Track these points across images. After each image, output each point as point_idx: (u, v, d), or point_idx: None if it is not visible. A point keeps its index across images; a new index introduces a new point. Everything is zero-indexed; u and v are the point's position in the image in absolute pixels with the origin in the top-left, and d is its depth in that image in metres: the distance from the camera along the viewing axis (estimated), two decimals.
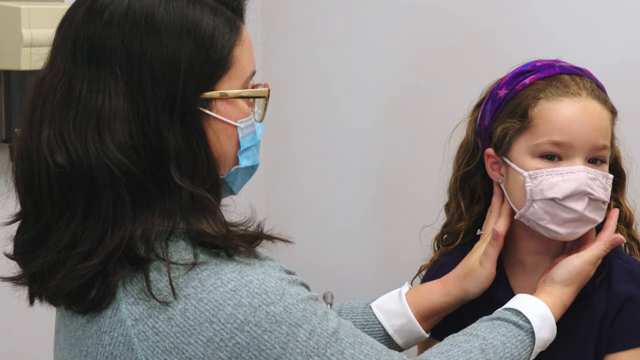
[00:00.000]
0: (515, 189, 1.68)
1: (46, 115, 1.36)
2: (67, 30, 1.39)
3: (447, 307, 1.76)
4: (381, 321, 1.77)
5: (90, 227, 1.34)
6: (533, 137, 1.66)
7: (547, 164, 1.64)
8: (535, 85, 1.68)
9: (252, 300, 1.33)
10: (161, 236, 1.35)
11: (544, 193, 1.63)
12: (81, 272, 1.34)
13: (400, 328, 1.76)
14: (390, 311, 1.77)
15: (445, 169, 1.86)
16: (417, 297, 1.77)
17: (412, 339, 1.77)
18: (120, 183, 1.33)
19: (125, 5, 1.37)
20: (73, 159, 1.34)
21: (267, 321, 1.33)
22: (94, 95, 1.35)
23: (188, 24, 1.37)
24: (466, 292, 1.74)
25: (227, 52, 1.40)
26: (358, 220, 2.52)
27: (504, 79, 1.74)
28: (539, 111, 1.66)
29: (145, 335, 1.33)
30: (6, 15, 2.02)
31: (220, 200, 1.43)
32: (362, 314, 1.79)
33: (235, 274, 1.35)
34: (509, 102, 1.70)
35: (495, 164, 1.73)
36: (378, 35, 2.42)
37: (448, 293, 1.75)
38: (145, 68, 1.35)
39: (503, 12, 2.22)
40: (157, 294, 1.33)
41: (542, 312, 1.62)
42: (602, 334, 1.69)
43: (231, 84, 1.42)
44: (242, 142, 1.45)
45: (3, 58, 2.04)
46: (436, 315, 1.77)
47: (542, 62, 1.73)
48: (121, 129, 1.34)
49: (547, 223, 1.65)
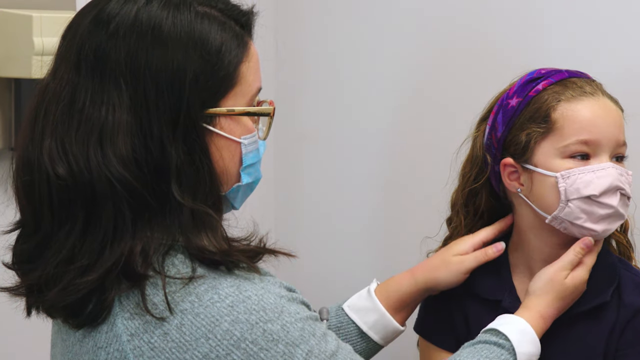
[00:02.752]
0: (543, 193, 1.69)
1: (48, 125, 1.35)
2: (72, 39, 1.38)
3: (417, 296, 1.79)
4: (354, 320, 1.79)
5: (89, 241, 1.33)
6: (559, 138, 1.68)
7: (578, 163, 1.67)
8: (551, 89, 1.71)
9: (250, 317, 1.31)
10: (159, 250, 1.34)
11: (580, 191, 1.65)
12: (78, 287, 1.33)
13: (374, 324, 1.78)
14: (362, 309, 1.79)
15: (450, 184, 1.86)
16: (386, 291, 1.80)
17: (388, 333, 1.79)
18: (121, 197, 1.32)
19: (132, 16, 1.35)
20: (74, 171, 1.32)
21: (264, 339, 1.31)
22: (97, 107, 1.34)
23: (195, 38, 1.36)
24: (437, 281, 1.77)
25: (234, 68, 1.39)
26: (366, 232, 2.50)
27: (512, 88, 1.75)
28: (561, 113, 1.68)
29: (140, 351, 1.32)
30: (18, 23, 2.01)
31: (222, 215, 1.42)
32: (335, 317, 1.81)
33: (234, 289, 1.33)
34: (525, 109, 1.71)
35: (514, 173, 1.73)
36: (388, 47, 2.41)
37: (417, 282, 1.78)
38: (150, 82, 1.34)
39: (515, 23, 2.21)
40: (153, 308, 1.32)
41: (520, 327, 1.62)
42: (610, 345, 1.69)
43: (236, 101, 1.40)
44: (245, 159, 1.43)
45: (14, 66, 2.03)
46: (407, 306, 1.80)
47: (546, 69, 1.75)
48: (124, 142, 1.32)
49: (584, 222, 1.67)
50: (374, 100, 2.44)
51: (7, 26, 2.03)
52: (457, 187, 1.85)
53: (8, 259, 1.42)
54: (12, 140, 2.12)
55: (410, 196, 2.40)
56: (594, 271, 1.71)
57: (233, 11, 1.42)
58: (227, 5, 1.42)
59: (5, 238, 1.42)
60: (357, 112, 2.47)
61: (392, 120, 2.42)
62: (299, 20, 2.54)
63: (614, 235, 1.79)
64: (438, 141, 2.31)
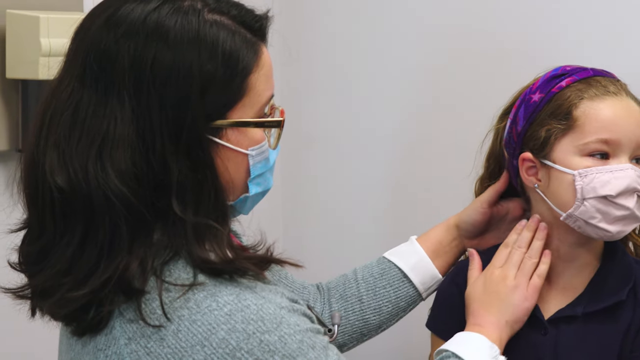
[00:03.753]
0: (559, 190, 1.69)
1: (52, 133, 1.34)
2: (81, 42, 1.37)
3: (451, 239, 1.86)
4: (396, 263, 1.84)
5: (87, 254, 1.32)
6: (580, 136, 1.67)
7: (597, 162, 1.66)
8: (574, 86, 1.70)
9: (247, 326, 1.29)
10: (160, 260, 1.33)
11: (596, 191, 1.64)
12: (70, 300, 1.32)
13: (414, 265, 1.83)
14: (402, 253, 1.86)
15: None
16: (424, 237, 1.87)
17: (427, 278, 1.84)
18: (118, 212, 1.30)
19: (140, 20, 1.34)
20: (73, 183, 1.31)
21: (260, 350, 1.29)
22: (99, 119, 1.32)
23: (202, 46, 1.34)
24: (462, 217, 1.86)
25: (243, 78, 1.36)
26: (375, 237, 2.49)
27: (536, 84, 1.75)
28: (583, 111, 1.67)
29: (137, 355, 1.31)
30: (25, 24, 2.00)
31: (228, 225, 1.40)
32: (377, 265, 1.86)
33: (233, 297, 1.31)
34: (547, 105, 1.71)
35: (532, 168, 1.73)
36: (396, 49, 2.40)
37: (449, 225, 1.87)
38: (154, 93, 1.31)
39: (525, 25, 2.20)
40: (152, 312, 1.31)
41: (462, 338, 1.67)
42: (625, 345, 1.68)
43: (244, 112, 1.37)
44: (253, 170, 1.41)
45: (21, 67, 2.03)
46: (444, 252, 1.85)
47: (571, 66, 1.75)
48: (124, 156, 1.31)
49: (598, 222, 1.66)
50: (382, 104, 2.43)
51: (14, 27, 2.02)
52: (480, 176, 1.88)
53: (13, 259, 1.41)
54: (19, 141, 2.11)
55: (419, 202, 2.39)
56: (610, 271, 1.72)
57: (247, 17, 1.39)
58: (240, 11, 1.39)
59: (11, 239, 1.41)
60: (365, 116, 2.47)
61: (401, 125, 2.41)
62: (307, 23, 2.53)
63: (631, 237, 1.79)
64: (447, 144, 2.31)
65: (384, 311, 1.83)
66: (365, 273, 1.85)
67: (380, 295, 1.83)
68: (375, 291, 1.83)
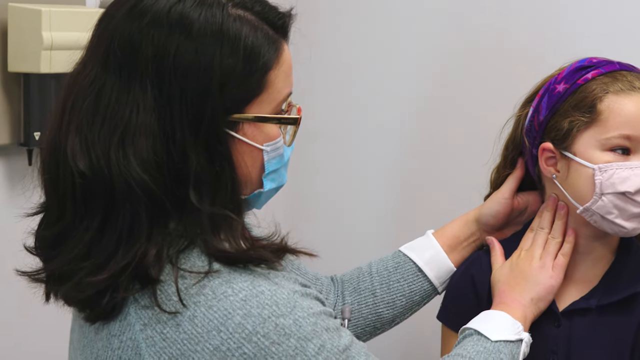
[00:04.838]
0: (578, 183, 1.68)
1: (74, 119, 1.35)
2: (105, 30, 1.37)
3: (469, 233, 1.84)
4: (411, 257, 1.83)
5: (106, 240, 1.33)
6: (602, 130, 1.65)
7: (617, 158, 1.65)
8: (600, 79, 1.68)
9: (262, 311, 1.31)
10: (176, 248, 1.34)
11: (615, 186, 1.63)
12: (88, 285, 1.33)
13: (429, 260, 1.82)
14: (418, 247, 1.85)
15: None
16: (441, 231, 1.86)
17: (442, 272, 1.83)
18: (138, 199, 1.31)
19: (164, 11, 1.34)
20: (95, 169, 1.32)
21: (276, 333, 1.31)
22: (122, 106, 1.33)
23: (225, 40, 1.34)
24: (482, 211, 1.83)
25: (262, 75, 1.37)
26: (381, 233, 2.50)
27: (561, 74, 1.73)
28: (607, 105, 1.65)
29: (153, 341, 1.32)
30: (27, 17, 2.01)
31: (243, 216, 1.41)
32: (392, 259, 1.86)
33: (247, 283, 1.33)
34: (571, 96, 1.69)
35: (551, 158, 1.72)
36: (403, 45, 2.40)
37: (468, 219, 1.85)
38: (175, 84, 1.32)
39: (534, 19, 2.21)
40: (168, 299, 1.32)
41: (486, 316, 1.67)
42: (638, 338, 1.68)
43: (262, 107, 1.38)
44: (267, 166, 1.42)
45: (23, 61, 2.03)
46: (460, 246, 1.84)
47: (598, 59, 1.73)
48: (145, 144, 1.32)
49: (615, 217, 1.65)
50: (388, 100, 2.44)
51: (16, 21, 2.02)
52: (497, 165, 1.85)
53: (29, 243, 1.42)
54: (20, 135, 2.11)
55: (425, 196, 2.39)
56: (624, 265, 1.71)
57: (270, 13, 1.40)
58: (264, 7, 1.40)
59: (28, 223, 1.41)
60: (371, 112, 2.47)
61: (407, 121, 2.41)
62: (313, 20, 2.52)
63: None
64: (454, 141, 2.31)
65: (397, 305, 1.82)
66: (379, 266, 1.85)
67: (394, 289, 1.83)
68: (389, 285, 1.83)
